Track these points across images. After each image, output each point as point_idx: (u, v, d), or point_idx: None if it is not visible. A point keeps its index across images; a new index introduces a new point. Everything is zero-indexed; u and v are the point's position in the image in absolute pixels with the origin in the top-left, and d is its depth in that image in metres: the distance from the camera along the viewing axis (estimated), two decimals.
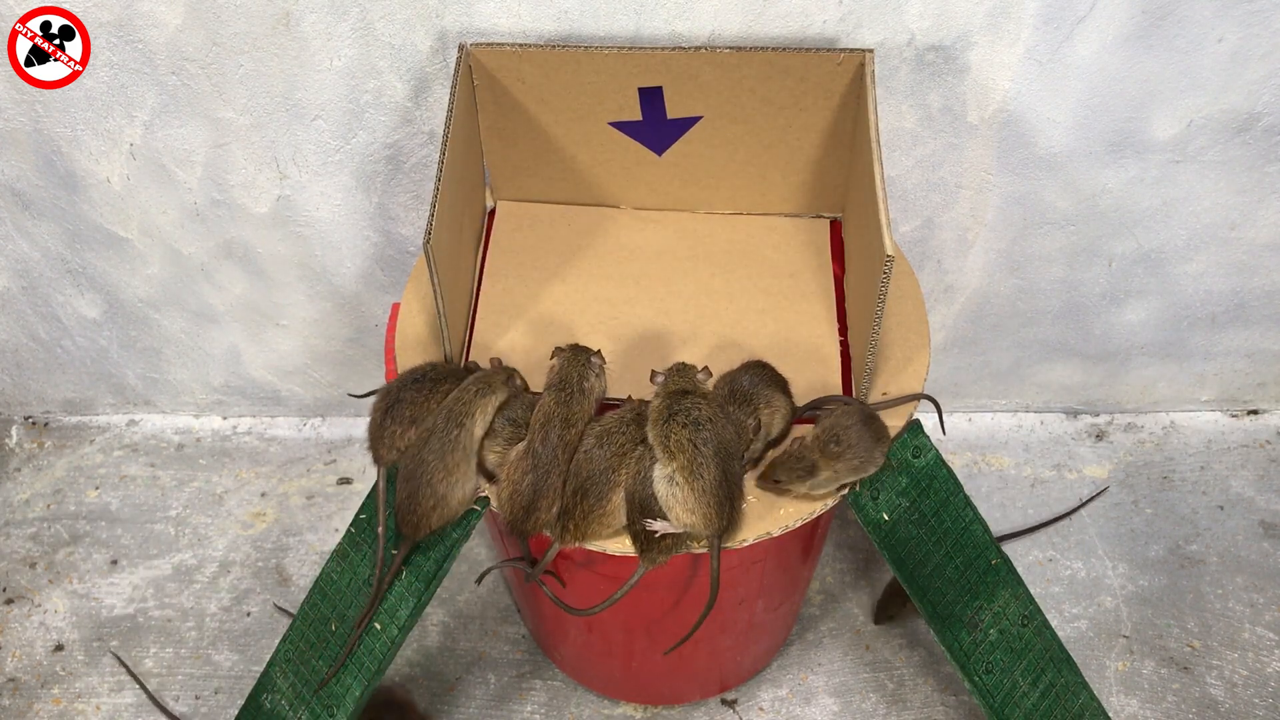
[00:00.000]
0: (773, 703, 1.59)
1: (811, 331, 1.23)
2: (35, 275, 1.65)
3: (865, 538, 1.72)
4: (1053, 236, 1.54)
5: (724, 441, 1.04)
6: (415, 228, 1.54)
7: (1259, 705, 1.56)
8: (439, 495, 1.08)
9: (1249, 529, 1.73)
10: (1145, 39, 1.29)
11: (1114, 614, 1.65)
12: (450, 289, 1.14)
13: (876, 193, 1.06)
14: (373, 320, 1.70)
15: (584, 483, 1.06)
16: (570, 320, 1.24)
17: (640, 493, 1.06)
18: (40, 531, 1.78)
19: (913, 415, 1.17)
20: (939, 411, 1.20)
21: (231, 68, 1.34)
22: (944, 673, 1.60)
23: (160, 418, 1.91)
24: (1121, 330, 1.70)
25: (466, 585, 1.70)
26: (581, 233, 1.33)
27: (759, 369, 1.14)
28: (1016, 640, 1.22)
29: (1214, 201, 1.49)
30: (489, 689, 1.60)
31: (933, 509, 1.16)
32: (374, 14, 1.27)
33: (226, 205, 1.51)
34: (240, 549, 1.75)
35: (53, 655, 1.65)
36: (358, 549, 1.19)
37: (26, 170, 1.48)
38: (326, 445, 1.87)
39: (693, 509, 1.03)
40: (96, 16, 1.29)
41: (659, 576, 1.24)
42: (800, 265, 1.30)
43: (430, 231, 1.03)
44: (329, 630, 1.20)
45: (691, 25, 1.27)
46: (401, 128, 1.40)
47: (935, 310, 1.68)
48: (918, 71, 1.33)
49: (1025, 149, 1.42)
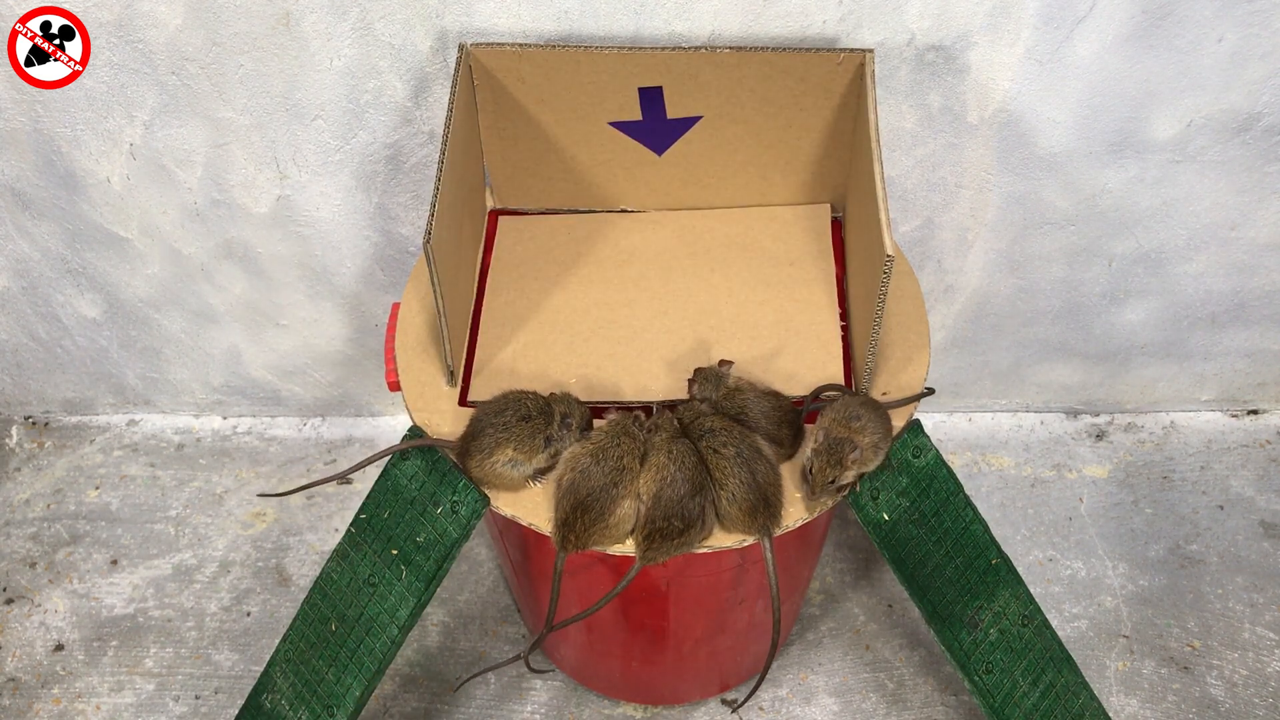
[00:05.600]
0: (773, 702, 1.59)
1: (812, 319, 1.24)
2: (35, 275, 1.65)
3: (865, 538, 1.72)
4: (1053, 236, 1.54)
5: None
6: (415, 228, 1.54)
7: (1259, 705, 1.56)
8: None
9: (1249, 529, 1.73)
10: (1145, 39, 1.29)
11: (1114, 614, 1.65)
12: (450, 289, 1.14)
13: (876, 193, 1.06)
14: (373, 320, 1.70)
15: (584, 499, 1.07)
16: (570, 327, 1.24)
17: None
18: (40, 531, 1.78)
19: (913, 415, 1.17)
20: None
21: (231, 68, 1.34)
22: (944, 673, 1.60)
23: (160, 418, 1.91)
24: (1121, 330, 1.70)
25: (466, 585, 1.70)
26: (581, 240, 1.33)
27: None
28: (1016, 640, 1.22)
29: (1214, 201, 1.49)
30: (489, 689, 1.60)
31: (933, 509, 1.16)
32: (374, 14, 1.27)
33: (226, 205, 1.51)
34: (240, 549, 1.75)
35: (53, 655, 1.65)
36: (358, 549, 1.18)
37: (26, 170, 1.48)
38: (326, 445, 1.87)
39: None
40: (96, 16, 1.29)
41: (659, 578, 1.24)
42: (800, 253, 1.30)
43: (430, 231, 1.03)
44: (329, 630, 1.20)
45: (691, 25, 1.27)
46: (401, 128, 1.40)
47: (935, 310, 1.68)
48: (918, 71, 1.33)
49: (1025, 149, 1.42)
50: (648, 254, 1.31)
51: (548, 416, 1.11)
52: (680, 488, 1.06)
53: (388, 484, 1.16)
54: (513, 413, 1.10)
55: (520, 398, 1.12)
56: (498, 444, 1.09)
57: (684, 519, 1.06)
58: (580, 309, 1.26)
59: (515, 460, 1.10)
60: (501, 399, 1.12)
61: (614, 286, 1.28)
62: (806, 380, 1.18)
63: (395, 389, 1.23)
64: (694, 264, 1.30)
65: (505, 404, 1.11)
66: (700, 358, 1.19)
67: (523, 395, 1.12)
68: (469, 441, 1.11)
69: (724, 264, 1.29)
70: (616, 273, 1.29)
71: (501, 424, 1.10)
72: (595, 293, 1.27)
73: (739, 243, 1.31)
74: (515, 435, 1.09)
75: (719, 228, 1.33)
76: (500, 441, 1.09)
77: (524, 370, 1.20)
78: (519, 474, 1.11)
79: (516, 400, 1.11)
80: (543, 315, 1.26)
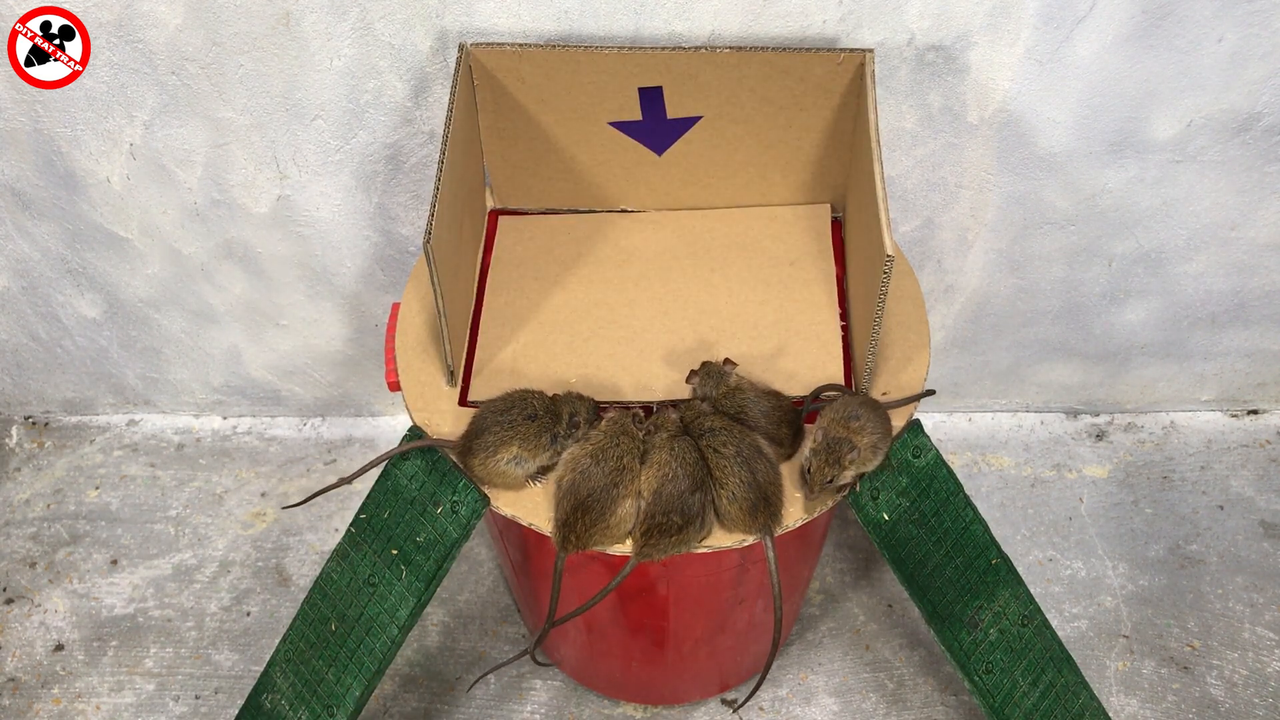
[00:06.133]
0: (773, 703, 1.59)
1: (812, 319, 1.24)
2: (35, 275, 1.65)
3: (865, 538, 1.72)
4: (1053, 236, 1.54)
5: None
6: (415, 228, 1.53)
7: (1259, 705, 1.56)
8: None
9: (1249, 529, 1.73)
10: (1145, 39, 1.29)
11: (1114, 614, 1.65)
12: (450, 289, 1.14)
13: (876, 193, 1.06)
14: (373, 320, 1.70)
15: (584, 499, 1.07)
16: (570, 327, 1.24)
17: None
18: (40, 531, 1.78)
19: (913, 415, 1.17)
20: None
21: (231, 68, 1.34)
22: (944, 673, 1.60)
23: (160, 418, 1.91)
24: (1121, 330, 1.70)
25: (466, 585, 1.70)
26: (581, 240, 1.33)
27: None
28: (1016, 640, 1.22)
29: (1214, 201, 1.49)
30: (489, 689, 1.60)
31: (933, 509, 1.16)
32: (374, 14, 1.27)
33: (226, 205, 1.51)
34: (240, 549, 1.75)
35: (53, 655, 1.65)
36: (358, 549, 1.18)
37: (26, 170, 1.48)
38: (326, 445, 1.87)
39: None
40: (96, 16, 1.29)
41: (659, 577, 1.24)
42: (800, 253, 1.30)
43: (430, 231, 1.03)
44: (329, 630, 1.20)
45: (691, 25, 1.27)
46: (401, 128, 1.40)
47: (935, 310, 1.68)
48: (918, 71, 1.33)
49: (1025, 149, 1.42)
50: (648, 254, 1.31)
51: (554, 416, 1.11)
52: (681, 483, 1.06)
53: (388, 484, 1.16)
54: (518, 411, 1.10)
55: (526, 396, 1.12)
56: (502, 442, 1.09)
57: (683, 515, 1.06)
58: (580, 309, 1.26)
59: (519, 458, 1.10)
60: (506, 398, 1.13)
61: (614, 286, 1.28)
62: (806, 380, 1.18)
63: (395, 389, 1.23)
64: (694, 264, 1.30)
65: (510, 403, 1.11)
66: (701, 357, 1.19)
67: (528, 394, 1.12)
68: (472, 440, 1.11)
69: (724, 264, 1.29)
70: (616, 273, 1.29)
71: (507, 422, 1.10)
72: (595, 293, 1.27)
73: (739, 243, 1.31)
74: (521, 434, 1.09)
75: (719, 228, 1.33)
76: (505, 440, 1.09)
77: (524, 370, 1.20)
78: (522, 472, 1.11)
79: (522, 399, 1.12)
80: (543, 315, 1.26)
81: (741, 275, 1.28)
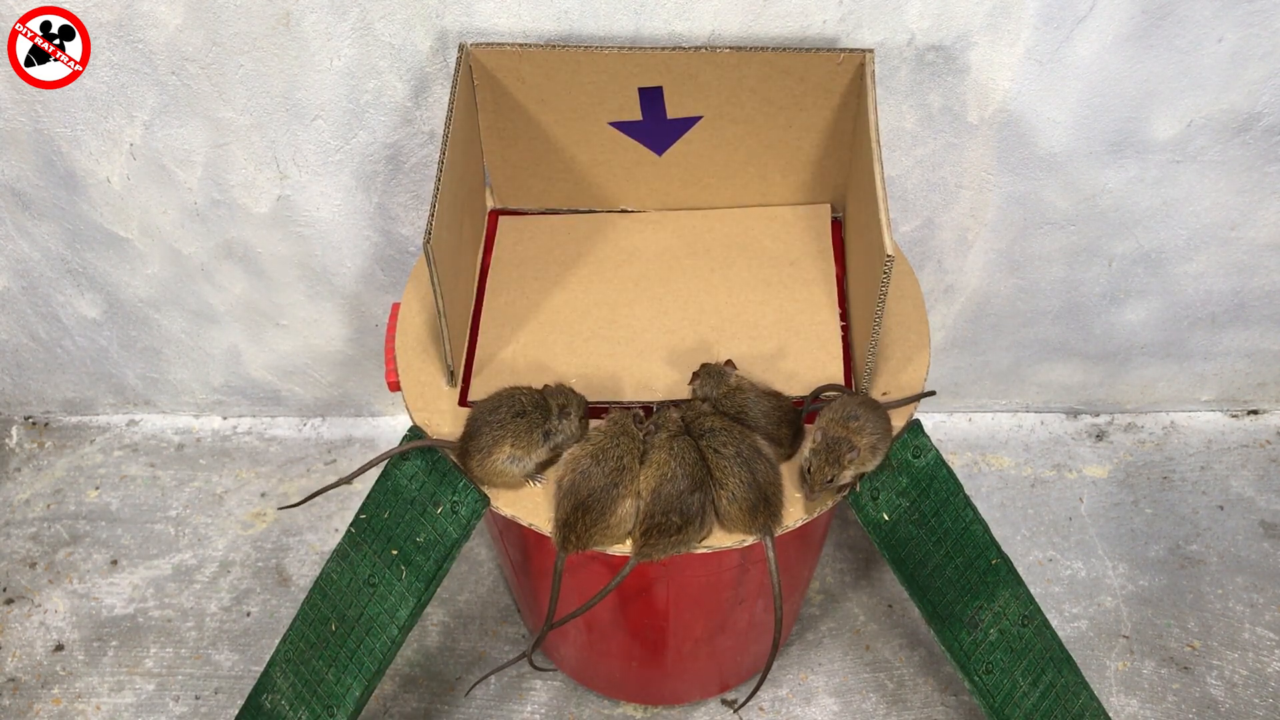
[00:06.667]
0: (773, 703, 1.59)
1: (812, 319, 1.24)
2: (35, 275, 1.65)
3: (865, 538, 1.72)
4: (1053, 236, 1.54)
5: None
6: (415, 228, 1.53)
7: (1259, 705, 1.56)
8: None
9: (1249, 529, 1.73)
10: (1145, 39, 1.29)
11: (1114, 614, 1.65)
12: (450, 289, 1.14)
13: (876, 193, 1.06)
14: (373, 320, 1.70)
15: (584, 499, 1.07)
16: (570, 327, 1.24)
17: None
18: (40, 531, 1.78)
19: (913, 415, 1.17)
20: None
21: (231, 68, 1.34)
22: (944, 673, 1.60)
23: (160, 418, 1.91)
24: (1121, 330, 1.70)
25: (466, 585, 1.70)
26: (581, 240, 1.33)
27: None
28: (1016, 640, 1.22)
29: (1214, 201, 1.49)
30: (489, 689, 1.60)
31: (933, 509, 1.16)
32: (374, 14, 1.27)
33: (226, 205, 1.51)
34: (240, 549, 1.75)
35: (53, 655, 1.65)
36: (358, 549, 1.18)
37: (26, 170, 1.48)
38: (326, 445, 1.87)
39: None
40: (96, 16, 1.29)
41: (659, 577, 1.24)
42: (800, 253, 1.30)
43: (430, 231, 1.03)
44: (329, 630, 1.20)
45: (691, 25, 1.27)
46: (401, 128, 1.40)
47: (935, 310, 1.68)
48: (918, 71, 1.33)
49: (1025, 149, 1.42)
50: (648, 254, 1.31)
51: (544, 410, 1.11)
52: (680, 483, 1.06)
53: (388, 484, 1.16)
54: (507, 409, 1.10)
55: (514, 393, 1.12)
56: (495, 442, 1.09)
57: (683, 514, 1.06)
58: (580, 309, 1.26)
59: (515, 456, 1.10)
60: (495, 397, 1.12)
61: (614, 286, 1.28)
62: (806, 380, 1.18)
63: (395, 389, 1.23)
64: (694, 264, 1.30)
65: (499, 401, 1.11)
66: (701, 357, 1.19)
67: (515, 391, 1.12)
68: (467, 442, 1.11)
69: (724, 264, 1.29)
70: (616, 273, 1.29)
71: (497, 421, 1.10)
72: (595, 293, 1.27)
73: (739, 243, 1.31)
74: (512, 431, 1.09)
75: (719, 228, 1.33)
76: (498, 439, 1.09)
77: (524, 370, 1.20)
78: (520, 470, 1.11)
79: (510, 396, 1.11)
80: (543, 315, 1.26)
81: (741, 275, 1.28)
